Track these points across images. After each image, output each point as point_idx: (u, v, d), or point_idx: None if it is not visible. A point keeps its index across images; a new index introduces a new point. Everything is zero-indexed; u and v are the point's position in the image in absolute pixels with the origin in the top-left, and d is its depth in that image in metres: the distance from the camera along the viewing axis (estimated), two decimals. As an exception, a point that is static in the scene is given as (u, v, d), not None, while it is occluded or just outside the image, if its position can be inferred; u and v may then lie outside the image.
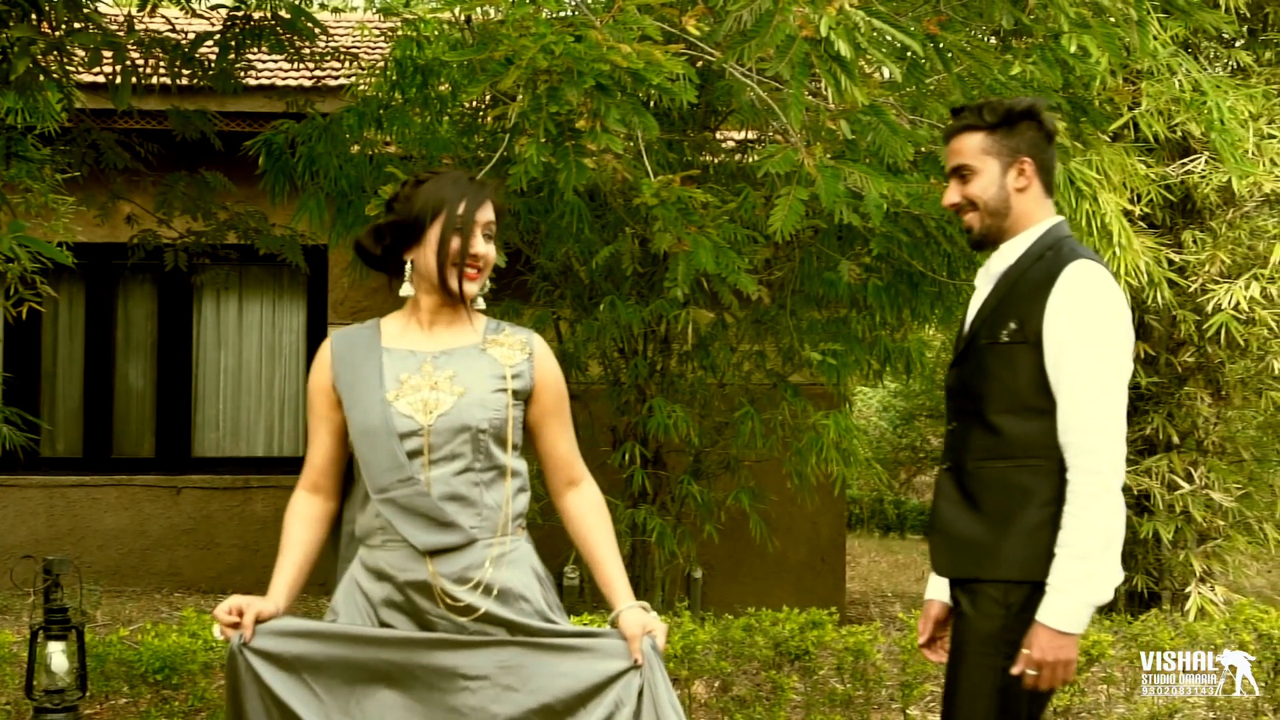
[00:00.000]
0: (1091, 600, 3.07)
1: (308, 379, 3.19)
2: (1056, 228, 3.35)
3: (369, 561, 3.10)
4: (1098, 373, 3.13)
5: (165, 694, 5.41)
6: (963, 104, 3.47)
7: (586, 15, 4.23)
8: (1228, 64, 8.90)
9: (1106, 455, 3.10)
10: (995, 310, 3.28)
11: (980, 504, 3.23)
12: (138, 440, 11.02)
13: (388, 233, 3.16)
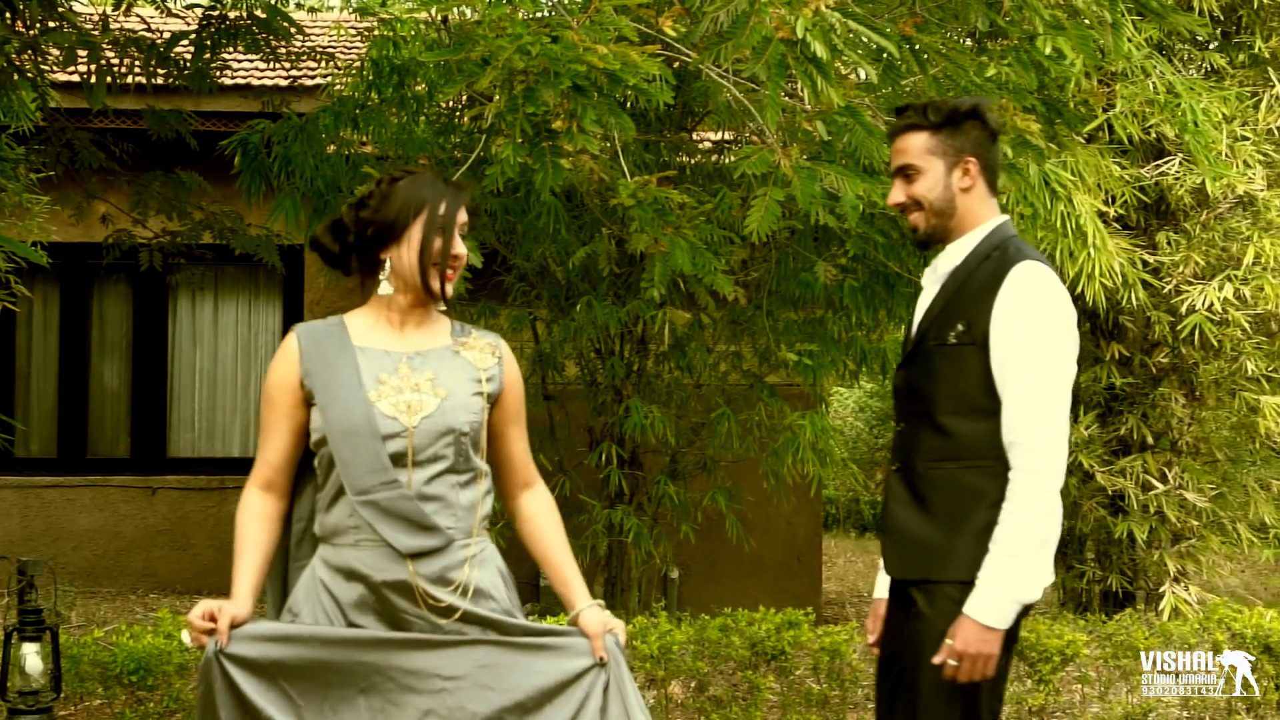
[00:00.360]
0: (1019, 598, 3.10)
1: (268, 375, 3.14)
2: (1002, 227, 3.37)
3: (335, 561, 3.06)
4: (1042, 374, 3.15)
5: (140, 695, 5.39)
6: (906, 103, 3.47)
7: (563, 16, 4.23)
8: (1201, 66, 8.94)
9: (1047, 456, 3.12)
10: (943, 311, 3.29)
11: (931, 505, 3.25)
12: (113, 441, 10.98)
13: (364, 230, 3.13)
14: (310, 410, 3.09)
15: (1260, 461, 9.39)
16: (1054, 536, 3.13)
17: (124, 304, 10.98)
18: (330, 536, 3.08)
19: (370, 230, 3.12)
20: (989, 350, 3.18)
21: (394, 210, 3.10)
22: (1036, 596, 3.12)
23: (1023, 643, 6.29)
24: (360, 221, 3.14)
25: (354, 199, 3.20)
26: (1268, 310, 8.20)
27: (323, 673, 2.98)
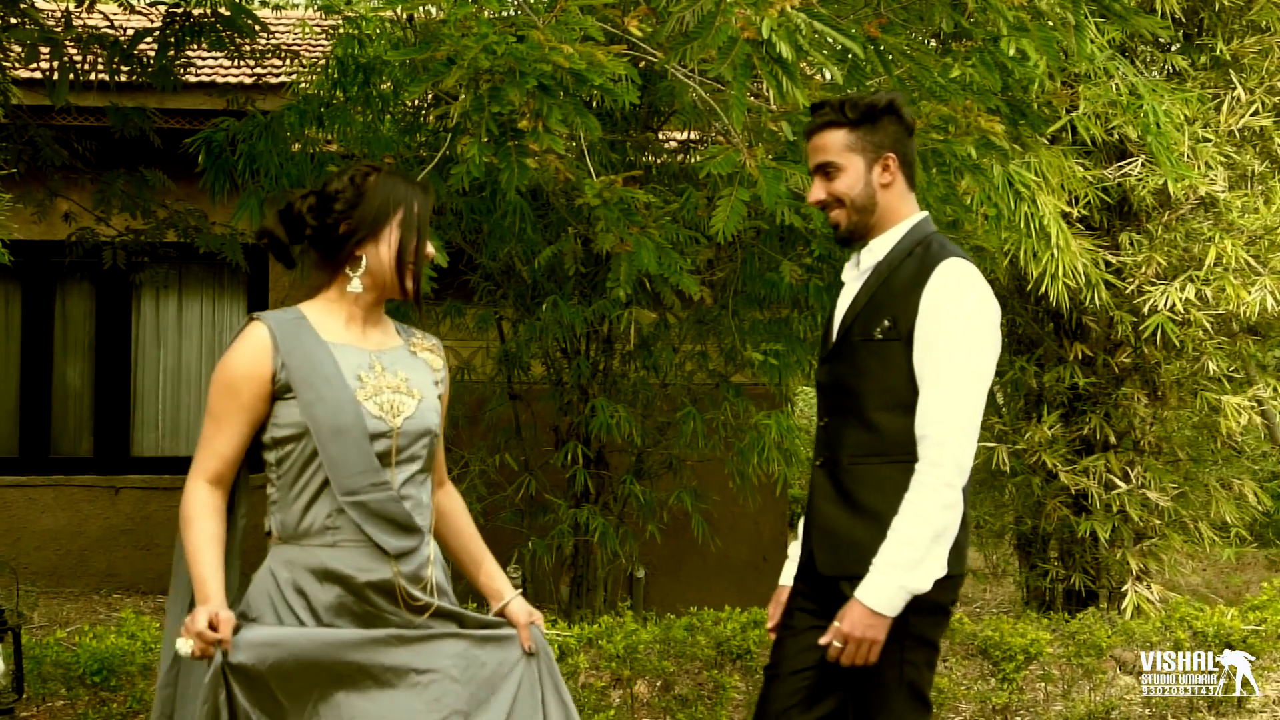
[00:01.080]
0: (910, 587, 3.12)
1: (228, 364, 3.03)
2: (923, 223, 3.40)
3: (307, 562, 3.01)
4: (961, 370, 3.17)
5: (103, 695, 5.36)
6: (821, 100, 3.47)
7: (529, 15, 4.23)
8: (1163, 68, 8.99)
9: (953, 450, 3.14)
10: (868, 306, 3.31)
11: (859, 501, 3.26)
12: (75, 440, 10.91)
13: (335, 226, 3.07)
14: (275, 404, 3.02)
15: (1221, 461, 9.46)
16: (952, 529, 3.16)
17: (87, 302, 10.92)
18: (298, 537, 3.03)
19: (344, 226, 3.06)
20: (914, 345, 3.20)
21: (373, 207, 3.06)
22: (927, 587, 3.13)
23: (987, 641, 6.32)
24: (334, 215, 3.07)
25: (310, 192, 3.13)
26: (1229, 311, 8.26)
27: (308, 674, 2.95)
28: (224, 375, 3.03)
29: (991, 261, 7.76)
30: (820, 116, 3.37)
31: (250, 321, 3.06)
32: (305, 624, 2.99)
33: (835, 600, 3.23)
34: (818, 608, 3.35)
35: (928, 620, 3.24)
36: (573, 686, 5.79)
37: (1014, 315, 9.73)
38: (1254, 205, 8.53)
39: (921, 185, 5.32)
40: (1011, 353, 9.83)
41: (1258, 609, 6.90)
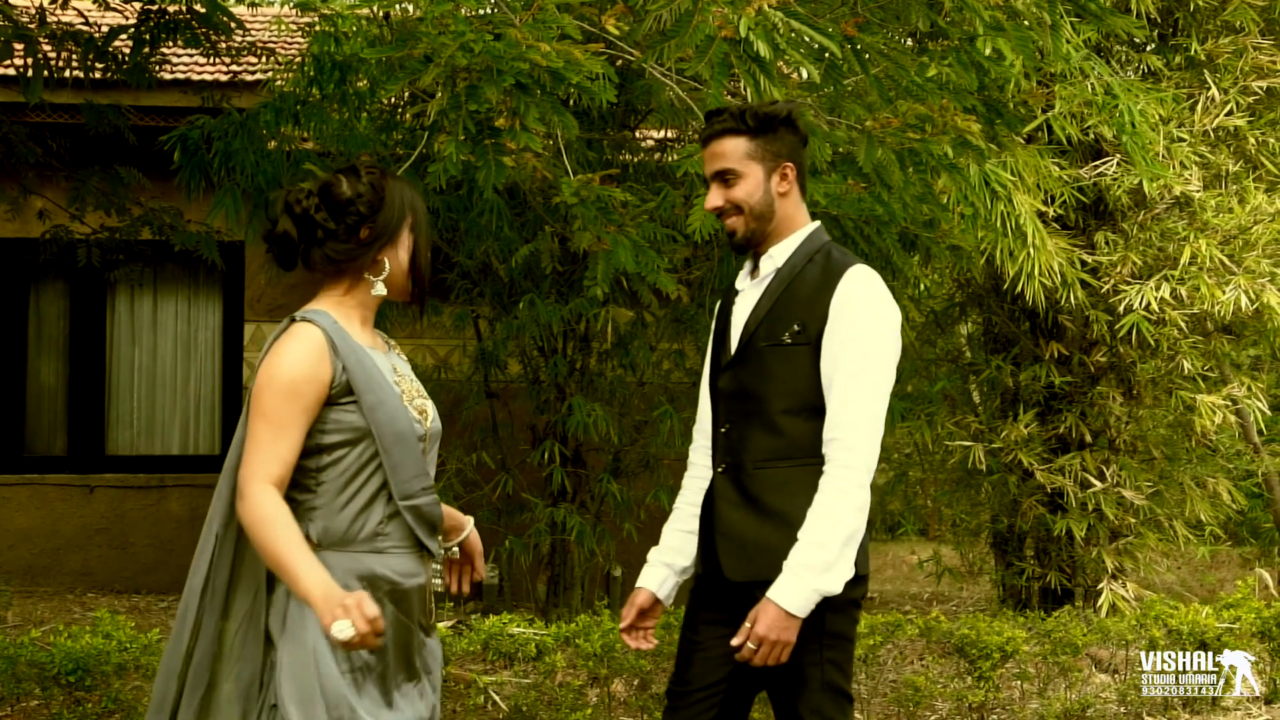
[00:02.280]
0: (822, 589, 3.14)
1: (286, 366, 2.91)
2: (818, 232, 3.45)
3: (355, 568, 2.94)
4: (869, 375, 3.23)
5: (78, 695, 5.33)
6: (719, 107, 3.49)
7: (506, 14, 4.22)
8: (1139, 68, 9.02)
9: (863, 453, 3.19)
10: (772, 312, 3.34)
11: (765, 505, 3.28)
12: (50, 438, 10.86)
13: (355, 229, 3.01)
14: (325, 409, 2.95)
15: (1196, 459, 9.50)
16: (860, 532, 3.19)
17: (61, 300, 10.87)
18: (344, 544, 2.96)
19: (366, 231, 3.01)
20: (821, 350, 3.25)
21: (393, 212, 3.04)
22: (838, 590, 3.16)
23: (963, 640, 6.34)
24: (355, 218, 3.01)
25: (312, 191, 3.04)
26: (1203, 310, 8.29)
27: (389, 668, 2.99)
28: (284, 378, 2.91)
29: (968, 260, 7.79)
30: (720, 124, 3.38)
31: (296, 322, 2.97)
32: None
33: (746, 607, 3.23)
34: (726, 616, 3.35)
35: (842, 617, 3.27)
36: (550, 685, 5.79)
37: (990, 314, 9.76)
38: (1228, 205, 8.57)
39: (898, 184, 5.35)
40: (988, 352, 9.86)
41: (1232, 607, 6.94)
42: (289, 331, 2.96)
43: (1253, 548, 14.79)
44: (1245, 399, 9.05)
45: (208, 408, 11.05)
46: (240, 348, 10.86)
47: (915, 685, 6.27)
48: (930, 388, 10.19)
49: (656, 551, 3.58)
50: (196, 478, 10.71)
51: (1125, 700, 6.56)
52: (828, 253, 3.37)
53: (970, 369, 10.19)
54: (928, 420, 9.68)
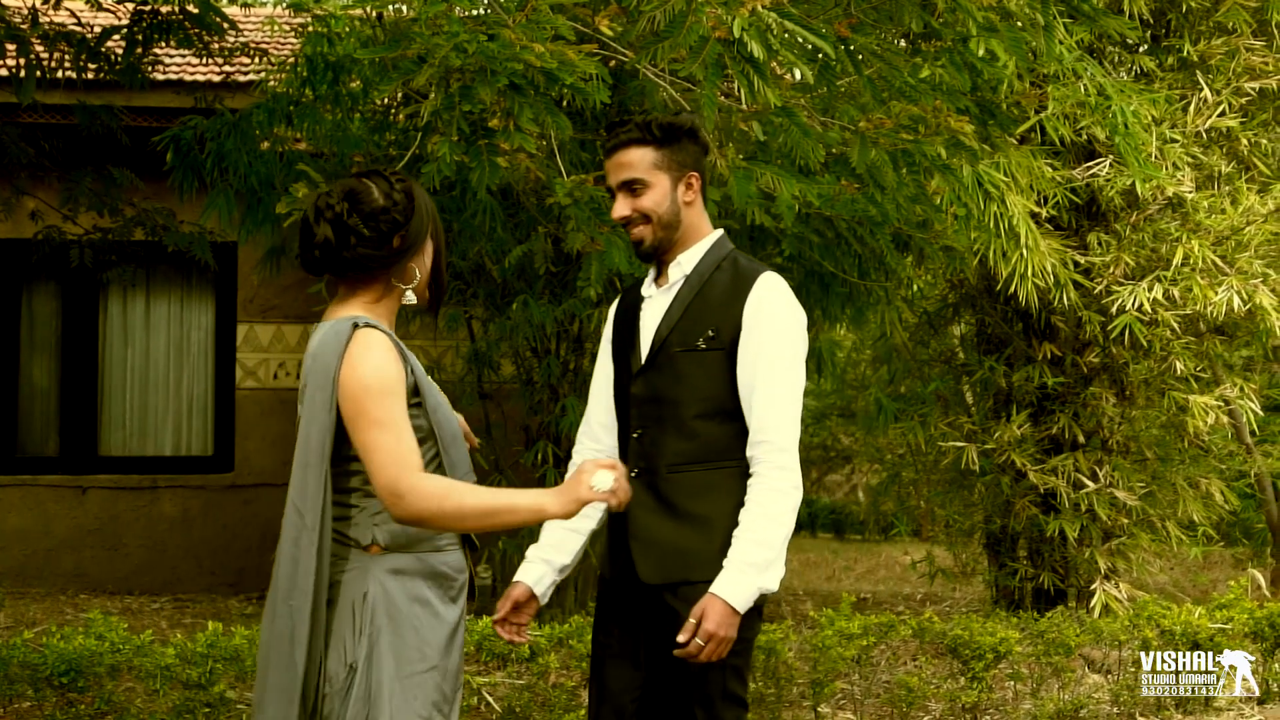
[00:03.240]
0: (763, 587, 3.20)
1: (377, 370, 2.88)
2: (723, 239, 3.51)
3: (421, 568, 2.97)
4: (789, 379, 3.31)
5: (71, 697, 5.33)
6: (624, 118, 3.54)
7: (500, 14, 4.22)
8: (1131, 69, 9.03)
9: (794, 455, 3.27)
10: (685, 318, 3.39)
11: (680, 508, 3.32)
12: (42, 439, 10.85)
13: (389, 237, 2.99)
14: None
15: (1189, 460, 9.50)
16: (791, 532, 3.27)
17: (54, 301, 10.86)
18: (409, 545, 2.96)
19: (399, 240, 3.00)
20: (736, 355, 3.31)
21: (422, 220, 3.04)
22: (775, 588, 3.23)
23: (956, 640, 6.34)
24: (389, 226, 2.99)
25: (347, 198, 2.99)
26: (1196, 311, 8.30)
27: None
28: (381, 383, 2.87)
29: (961, 261, 7.79)
30: (625, 134, 3.41)
31: (360, 328, 2.92)
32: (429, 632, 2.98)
33: (657, 609, 3.28)
34: (635, 620, 3.41)
35: (750, 622, 3.31)
36: (543, 686, 5.79)
37: (983, 315, 9.77)
38: (1221, 206, 8.57)
39: (891, 185, 5.35)
40: (981, 352, 9.87)
41: (1224, 607, 6.94)
42: (359, 339, 2.90)
43: (1245, 548, 14.81)
44: (1237, 400, 9.05)
45: (200, 409, 11.03)
46: (233, 348, 10.85)
47: (909, 686, 6.27)
48: (923, 388, 10.20)
49: (536, 548, 3.57)
50: (189, 479, 10.70)
51: (1118, 700, 6.56)
52: (734, 259, 3.45)
53: (963, 370, 10.20)
54: (921, 421, 9.69)
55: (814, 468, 21.36)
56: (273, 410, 10.79)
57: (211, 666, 5.38)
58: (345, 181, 3.04)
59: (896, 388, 10.76)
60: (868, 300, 7.60)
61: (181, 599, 10.30)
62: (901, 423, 9.71)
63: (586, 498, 2.86)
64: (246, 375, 10.82)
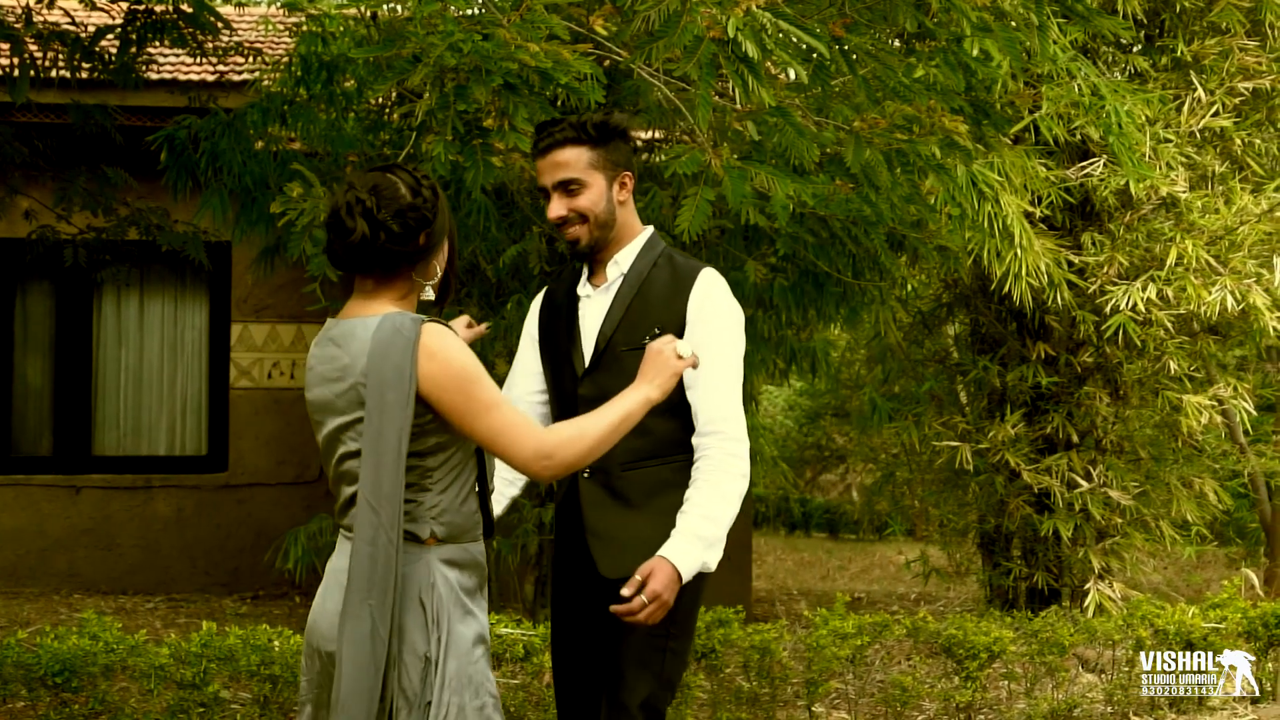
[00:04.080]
0: (707, 561, 3.25)
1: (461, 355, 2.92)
2: (655, 237, 3.57)
3: (465, 558, 3.04)
4: (735, 371, 3.40)
5: (65, 697, 5.32)
6: (555, 117, 3.57)
7: (494, 14, 4.22)
8: (1125, 69, 9.03)
9: (746, 446, 3.35)
10: (627, 317, 3.46)
11: (636, 504, 3.37)
12: (35, 439, 10.84)
13: (416, 234, 3.01)
14: None
15: (1182, 460, 9.52)
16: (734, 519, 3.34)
17: (47, 301, 10.84)
18: (457, 536, 3.02)
19: (424, 237, 3.02)
20: None
21: (444, 218, 3.08)
22: (712, 568, 3.29)
23: (950, 640, 6.35)
24: (416, 223, 3.01)
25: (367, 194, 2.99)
26: (1190, 310, 8.31)
27: None
28: (476, 369, 2.93)
29: (955, 261, 7.79)
30: (560, 133, 3.44)
31: (427, 322, 2.94)
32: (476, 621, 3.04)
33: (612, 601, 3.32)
34: (593, 613, 3.48)
35: (692, 609, 3.40)
36: (538, 686, 5.79)
37: (977, 315, 9.77)
38: (1214, 206, 8.58)
39: (886, 185, 5.35)
40: (975, 352, 9.88)
41: (1218, 607, 6.96)
42: (433, 334, 2.91)
43: (1239, 548, 14.84)
44: (1231, 399, 9.06)
45: (194, 408, 11.02)
46: (227, 348, 10.84)
47: (903, 685, 6.28)
48: (918, 388, 10.21)
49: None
50: (183, 479, 10.69)
51: (1112, 700, 6.57)
52: (670, 257, 3.52)
53: (957, 369, 10.20)
54: (915, 421, 9.70)
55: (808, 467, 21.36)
56: (267, 410, 10.79)
57: (205, 666, 5.38)
58: (370, 176, 3.03)
59: (891, 387, 10.77)
60: (862, 300, 7.60)
61: (175, 599, 10.29)
62: (896, 422, 9.72)
63: (678, 367, 3.07)
64: (240, 375, 10.82)
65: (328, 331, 3.05)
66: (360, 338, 2.94)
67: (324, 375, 3.01)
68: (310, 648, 3.05)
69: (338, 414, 2.98)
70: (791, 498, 20.78)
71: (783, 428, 20.42)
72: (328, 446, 3.03)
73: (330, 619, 2.96)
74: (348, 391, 2.95)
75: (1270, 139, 9.03)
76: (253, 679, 5.45)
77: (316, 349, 3.06)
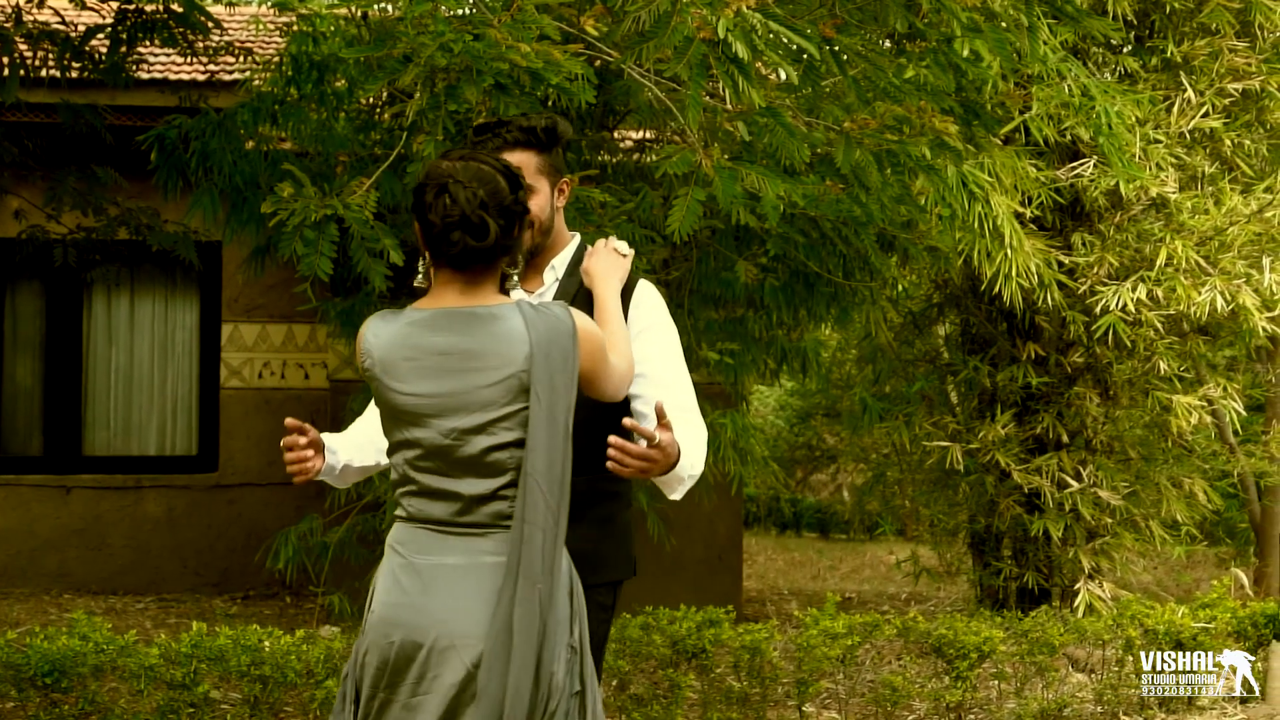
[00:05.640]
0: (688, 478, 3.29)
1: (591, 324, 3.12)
2: (583, 243, 3.55)
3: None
4: (684, 368, 3.44)
5: (54, 697, 5.32)
6: (506, 119, 3.49)
7: (485, 14, 4.22)
8: (1115, 70, 9.04)
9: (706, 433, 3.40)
10: None
11: (577, 514, 3.25)
12: (26, 439, 10.82)
13: (516, 226, 3.08)
14: None
15: (1172, 460, 9.53)
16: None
17: (37, 300, 10.83)
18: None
19: (519, 229, 3.09)
20: None
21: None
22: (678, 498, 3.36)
23: (940, 640, 6.36)
24: (523, 212, 3.09)
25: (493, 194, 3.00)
26: (1179, 311, 8.32)
27: None
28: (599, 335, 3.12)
29: (945, 261, 7.80)
30: (513, 135, 3.38)
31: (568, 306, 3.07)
32: None
33: None
34: None
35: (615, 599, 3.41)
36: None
37: (968, 315, 9.78)
38: (1204, 206, 8.59)
39: (876, 185, 5.35)
40: (966, 352, 9.89)
41: (1207, 607, 6.97)
42: (580, 316, 3.06)
43: (1228, 548, 14.86)
44: (1221, 400, 9.08)
45: (185, 408, 11.01)
46: (218, 348, 10.83)
47: (893, 685, 6.29)
48: (908, 388, 10.22)
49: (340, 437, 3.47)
50: (174, 478, 10.68)
51: (1102, 700, 6.59)
52: None
53: (948, 369, 10.21)
54: (905, 421, 9.70)
55: (799, 467, 21.37)
56: (257, 410, 10.78)
57: (195, 667, 5.38)
58: (473, 168, 3.01)
59: (881, 387, 10.77)
60: (853, 300, 7.60)
61: (166, 599, 10.28)
62: (886, 422, 9.72)
63: (626, 252, 3.37)
64: (231, 375, 10.81)
65: (426, 322, 3.03)
66: (491, 329, 2.96)
67: (445, 367, 2.97)
68: (410, 649, 2.97)
69: (483, 407, 2.95)
70: (782, 498, 20.79)
71: (774, 428, 20.43)
72: (456, 439, 2.98)
73: (469, 615, 2.94)
74: (504, 382, 2.95)
75: (1260, 140, 9.04)
76: (243, 679, 5.45)
77: (416, 339, 3.02)
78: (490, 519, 2.99)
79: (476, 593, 2.95)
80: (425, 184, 3.04)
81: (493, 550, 2.97)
